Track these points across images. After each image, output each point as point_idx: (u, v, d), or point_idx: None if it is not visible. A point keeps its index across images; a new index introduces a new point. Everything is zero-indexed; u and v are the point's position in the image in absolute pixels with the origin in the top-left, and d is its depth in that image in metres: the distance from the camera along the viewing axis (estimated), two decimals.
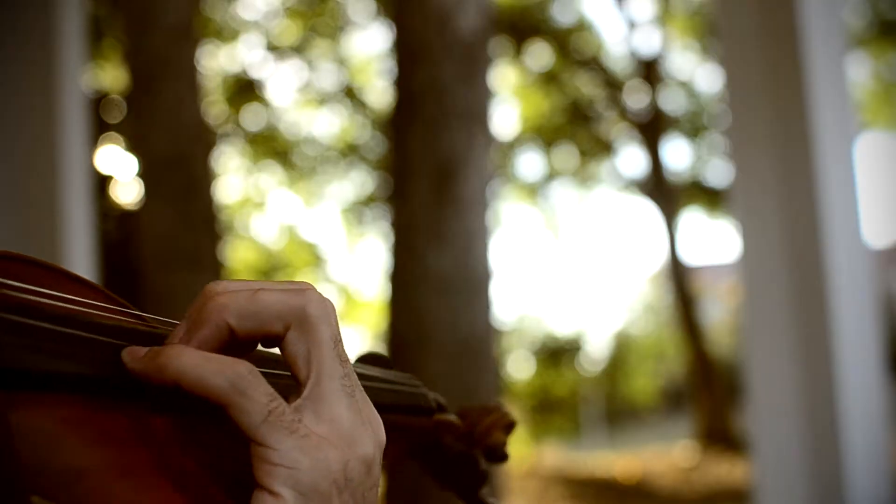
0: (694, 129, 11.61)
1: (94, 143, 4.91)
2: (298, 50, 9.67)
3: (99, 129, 5.51)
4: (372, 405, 0.48)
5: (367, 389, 0.49)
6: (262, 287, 0.46)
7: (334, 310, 0.47)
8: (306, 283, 0.47)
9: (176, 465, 0.44)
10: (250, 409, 0.42)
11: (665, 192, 11.45)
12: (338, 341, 0.46)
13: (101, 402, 0.43)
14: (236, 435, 0.44)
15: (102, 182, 5.65)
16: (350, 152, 10.34)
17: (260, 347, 0.48)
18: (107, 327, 0.44)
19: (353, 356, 0.63)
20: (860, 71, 9.65)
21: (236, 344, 0.46)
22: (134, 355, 0.43)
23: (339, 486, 0.43)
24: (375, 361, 0.68)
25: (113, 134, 5.91)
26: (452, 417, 0.73)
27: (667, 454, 11.05)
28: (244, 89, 9.33)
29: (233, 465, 0.47)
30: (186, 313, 0.46)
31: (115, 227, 5.77)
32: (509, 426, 0.74)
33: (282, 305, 0.45)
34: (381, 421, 0.47)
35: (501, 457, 0.73)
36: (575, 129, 11.43)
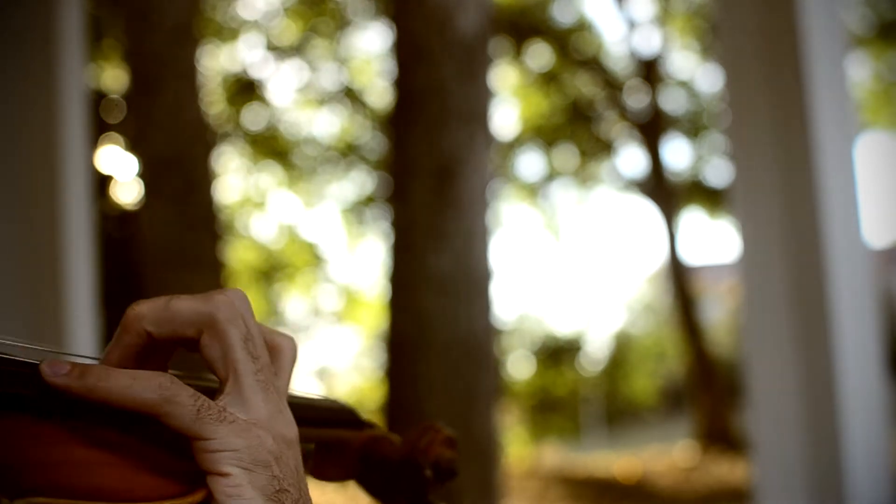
0: (694, 129, 11.60)
1: (94, 143, 4.91)
2: (298, 50, 9.67)
3: (99, 129, 5.51)
4: (284, 400, 0.53)
5: (296, 406, 0.54)
6: (176, 297, 0.51)
7: (247, 309, 0.52)
8: (223, 290, 0.52)
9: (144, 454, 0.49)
10: (180, 412, 0.47)
11: (665, 192, 11.45)
12: (248, 339, 0.51)
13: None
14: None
15: (102, 182, 5.65)
16: (350, 152, 10.33)
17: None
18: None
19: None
20: (860, 71, 9.65)
21: (158, 349, 0.52)
22: (56, 370, 0.47)
23: (275, 455, 0.49)
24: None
25: (113, 134, 5.90)
26: (390, 434, 0.74)
27: (667, 454, 11.05)
28: (244, 89, 9.33)
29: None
30: None
31: (115, 227, 5.77)
32: (448, 441, 0.74)
33: (191, 312, 0.50)
34: (292, 415, 0.53)
35: (449, 471, 0.73)
36: (575, 129, 11.42)
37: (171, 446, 0.49)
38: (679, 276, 11.65)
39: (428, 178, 3.07)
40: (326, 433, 0.69)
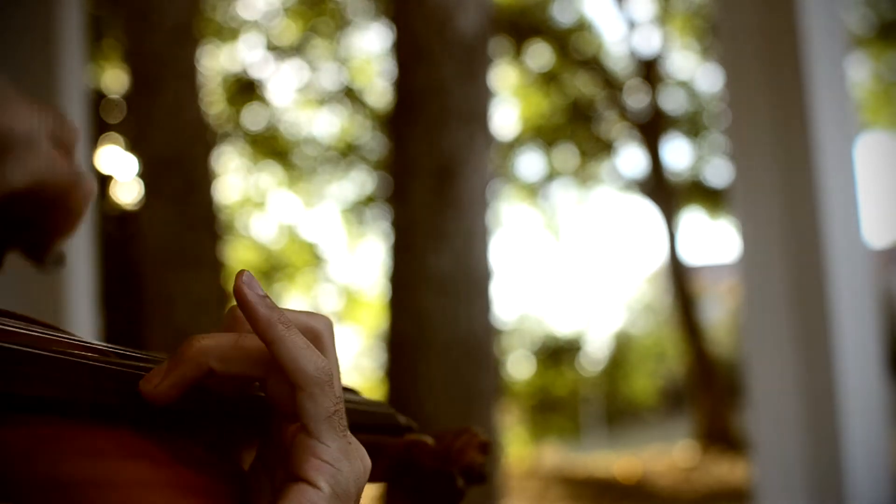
0: (694, 129, 11.60)
1: (94, 143, 4.91)
2: (298, 50, 9.67)
3: (99, 129, 5.51)
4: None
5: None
6: (243, 335, 0.48)
7: None
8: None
9: (170, 475, 0.46)
10: (321, 402, 0.46)
11: (665, 192, 11.45)
12: None
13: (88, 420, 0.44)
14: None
15: (102, 182, 5.65)
16: (350, 152, 10.33)
17: None
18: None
19: None
20: (860, 71, 9.66)
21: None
22: (253, 284, 0.47)
23: (359, 491, 0.48)
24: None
25: (113, 134, 5.90)
26: (424, 436, 0.74)
27: (667, 454, 11.05)
28: (244, 89, 9.33)
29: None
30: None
31: (115, 227, 5.77)
32: (483, 446, 0.74)
33: (262, 353, 0.47)
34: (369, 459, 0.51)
35: (479, 477, 0.73)
36: (575, 129, 11.42)
37: (221, 465, 0.48)
38: (679, 276, 11.65)
39: (428, 178, 3.08)
40: (365, 437, 0.70)
